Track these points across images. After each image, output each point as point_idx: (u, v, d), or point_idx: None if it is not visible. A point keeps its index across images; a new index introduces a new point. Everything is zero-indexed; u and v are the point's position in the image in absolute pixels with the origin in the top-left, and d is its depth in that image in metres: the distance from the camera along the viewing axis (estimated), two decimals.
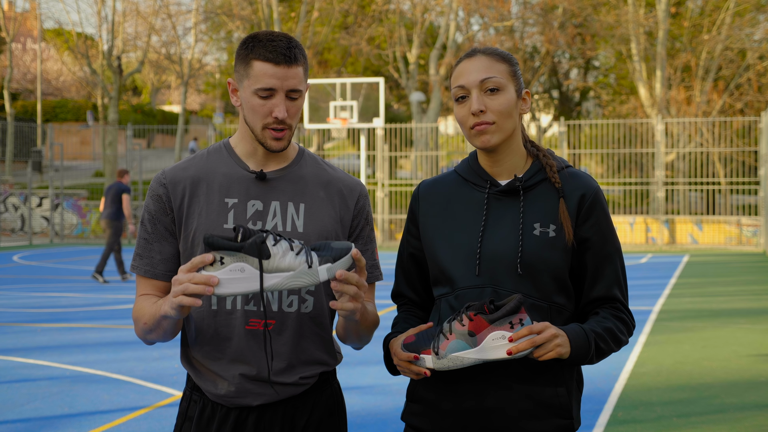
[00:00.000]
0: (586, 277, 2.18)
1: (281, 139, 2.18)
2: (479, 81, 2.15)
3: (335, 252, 1.96)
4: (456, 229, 2.21)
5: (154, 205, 2.23)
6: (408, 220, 2.34)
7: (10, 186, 28.31)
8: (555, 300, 2.14)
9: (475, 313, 1.99)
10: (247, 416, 2.21)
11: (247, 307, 2.18)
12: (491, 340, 1.98)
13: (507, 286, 2.12)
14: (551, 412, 2.12)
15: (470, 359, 1.99)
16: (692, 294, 13.16)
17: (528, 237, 2.14)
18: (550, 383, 2.12)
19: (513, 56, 2.22)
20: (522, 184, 2.18)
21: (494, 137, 2.15)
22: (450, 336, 2.01)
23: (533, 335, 1.98)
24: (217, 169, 2.25)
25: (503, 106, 2.15)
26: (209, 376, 2.23)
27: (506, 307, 1.98)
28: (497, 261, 2.14)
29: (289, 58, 2.13)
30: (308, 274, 1.93)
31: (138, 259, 2.25)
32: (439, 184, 2.31)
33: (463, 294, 2.15)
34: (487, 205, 2.20)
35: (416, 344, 2.08)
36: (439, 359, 2.01)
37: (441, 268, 2.21)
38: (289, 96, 2.16)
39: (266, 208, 2.22)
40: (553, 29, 32.39)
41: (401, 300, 2.40)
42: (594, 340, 2.09)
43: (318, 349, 2.26)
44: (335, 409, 2.33)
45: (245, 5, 32.75)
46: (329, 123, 23.15)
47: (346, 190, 2.30)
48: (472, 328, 1.99)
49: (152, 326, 2.15)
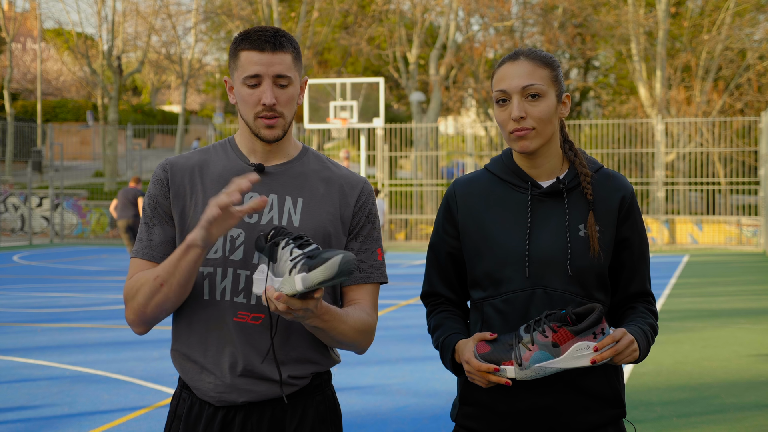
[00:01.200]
0: (623, 273, 2.26)
1: (273, 128, 2.17)
2: (521, 87, 2.16)
3: (316, 261, 1.89)
4: (500, 231, 2.22)
5: (155, 189, 2.24)
6: (444, 219, 2.33)
7: (10, 186, 28.31)
8: (596, 296, 2.21)
9: (559, 325, 2.04)
10: (234, 416, 2.18)
11: (236, 299, 2.16)
12: (575, 351, 2.04)
13: (556, 287, 2.17)
14: (604, 403, 2.20)
15: (553, 369, 2.05)
16: (692, 294, 13.16)
17: (575, 239, 2.18)
18: (599, 376, 2.19)
19: (555, 59, 2.23)
20: (565, 186, 2.21)
21: (533, 143, 2.18)
22: (532, 347, 2.05)
23: (614, 343, 2.05)
24: (218, 161, 2.26)
25: (543, 112, 2.17)
26: (197, 371, 2.20)
27: (590, 318, 2.04)
28: (546, 263, 2.17)
29: (274, 44, 2.14)
30: (288, 281, 1.91)
31: (138, 243, 2.24)
32: (475, 184, 2.31)
33: (513, 297, 2.18)
34: (531, 206, 2.22)
35: (493, 354, 2.09)
36: (522, 370, 2.05)
37: (486, 270, 2.22)
38: (278, 83, 2.16)
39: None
40: (553, 29, 32.39)
41: (436, 300, 2.38)
42: (650, 338, 2.21)
43: (309, 347, 2.21)
44: (327, 416, 2.26)
45: (245, 5, 32.75)
46: (329, 123, 23.15)
47: (347, 186, 2.27)
48: (556, 339, 2.04)
49: (165, 276, 2.09)
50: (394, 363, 7.71)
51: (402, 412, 6.09)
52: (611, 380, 2.21)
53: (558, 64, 2.23)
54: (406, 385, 6.89)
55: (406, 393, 6.62)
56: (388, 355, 8.00)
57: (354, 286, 2.26)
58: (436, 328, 2.32)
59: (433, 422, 5.83)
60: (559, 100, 2.21)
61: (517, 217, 2.22)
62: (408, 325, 9.70)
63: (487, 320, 2.20)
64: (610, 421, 2.22)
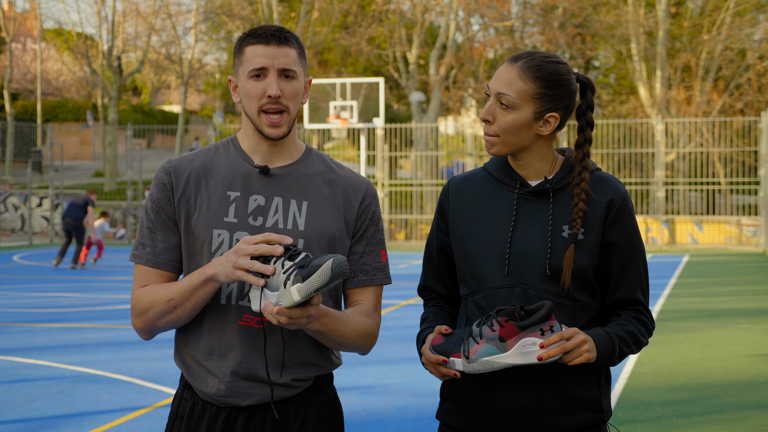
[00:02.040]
0: (611, 278, 2.23)
1: (278, 126, 2.16)
2: (496, 92, 2.17)
3: (308, 270, 1.90)
4: (485, 228, 2.23)
5: (158, 194, 2.22)
6: (437, 215, 2.35)
7: (10, 186, 28.32)
8: (580, 299, 2.19)
9: (506, 320, 2.04)
10: (236, 417, 2.17)
11: (241, 302, 2.16)
12: (522, 346, 2.03)
13: (535, 285, 2.16)
14: (582, 406, 2.18)
15: (500, 364, 2.04)
16: (692, 294, 13.16)
17: (557, 238, 2.17)
18: (579, 379, 2.17)
19: (556, 77, 2.15)
20: (552, 186, 2.20)
21: (495, 148, 2.19)
22: (480, 340, 2.05)
23: (563, 341, 2.04)
24: (222, 162, 2.24)
25: (508, 124, 2.15)
26: (201, 372, 2.19)
27: (537, 314, 2.02)
28: (526, 261, 2.17)
29: (280, 39, 2.14)
30: (285, 294, 1.92)
31: (140, 248, 2.21)
32: (469, 182, 2.32)
33: (492, 294, 2.18)
34: (516, 205, 2.22)
35: (445, 346, 2.11)
36: (469, 363, 2.06)
37: (469, 266, 2.23)
38: (283, 76, 2.15)
39: (268, 203, 2.19)
40: (553, 29, 32.39)
41: (429, 294, 2.41)
42: (618, 344, 2.15)
43: (312, 350, 2.21)
44: (330, 416, 2.26)
45: (245, 5, 32.76)
46: (329, 123, 23.16)
47: (351, 189, 2.26)
48: (503, 333, 2.03)
49: (179, 300, 2.11)
50: (394, 363, 7.71)
51: (402, 412, 6.09)
52: (589, 382, 2.18)
53: (561, 82, 2.15)
54: (406, 385, 6.89)
55: (406, 393, 6.62)
56: (388, 355, 8.00)
57: (358, 289, 2.26)
58: (422, 322, 2.34)
59: (433, 422, 5.83)
60: (538, 117, 2.15)
61: (502, 214, 2.22)
62: (408, 325, 9.69)
63: (470, 316, 2.21)
64: (588, 425, 2.19)
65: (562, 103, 2.17)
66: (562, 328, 2.06)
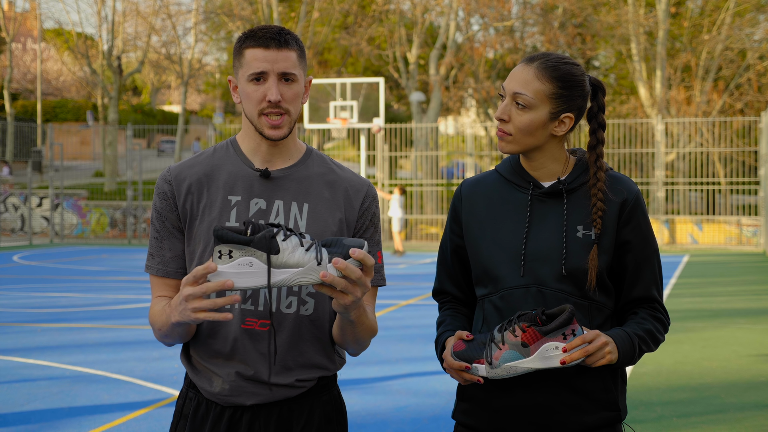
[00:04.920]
0: (626, 277, 2.25)
1: (279, 127, 2.16)
2: (512, 92, 2.18)
3: (347, 249, 1.90)
4: (500, 230, 2.25)
5: (160, 203, 2.23)
6: (450, 218, 2.36)
7: (10, 186, 28.31)
8: (596, 298, 2.21)
9: (528, 325, 2.05)
10: (241, 416, 2.19)
11: (243, 306, 2.17)
12: (545, 351, 2.05)
13: (551, 285, 2.18)
14: (599, 405, 2.20)
15: (523, 368, 2.06)
16: (692, 294, 13.16)
17: (572, 239, 2.19)
18: (596, 379, 2.19)
19: (573, 78, 2.18)
20: (565, 186, 2.22)
21: (509, 147, 2.21)
22: (503, 346, 2.07)
23: (585, 344, 2.06)
24: (222, 167, 2.24)
25: (524, 123, 2.17)
26: (205, 373, 2.21)
27: (559, 319, 2.04)
28: (542, 262, 2.19)
29: (279, 42, 2.14)
30: (317, 270, 1.88)
31: (151, 258, 2.24)
32: (482, 184, 2.34)
33: (508, 294, 2.20)
34: (530, 206, 2.23)
35: (467, 353, 2.12)
36: (492, 369, 2.07)
37: (484, 268, 2.24)
38: (283, 80, 2.15)
39: (269, 207, 2.20)
40: (553, 29, 32.37)
41: (444, 297, 2.42)
42: (638, 343, 2.19)
43: (317, 352, 2.22)
44: (334, 416, 2.27)
45: (245, 5, 32.76)
46: (329, 123, 23.15)
47: (352, 190, 2.27)
48: (526, 339, 2.05)
49: (167, 332, 2.14)
50: (394, 363, 7.71)
51: (402, 412, 6.09)
52: (606, 382, 2.21)
53: (576, 83, 2.19)
54: (406, 385, 6.89)
55: (406, 393, 6.62)
56: (388, 355, 7.99)
57: None
58: (438, 325, 2.35)
59: (433, 422, 5.83)
60: (554, 117, 2.19)
61: (517, 215, 2.24)
62: (408, 325, 9.69)
63: (487, 317, 2.23)
64: (605, 424, 2.21)
65: (576, 104, 2.21)
66: (583, 330, 2.08)
